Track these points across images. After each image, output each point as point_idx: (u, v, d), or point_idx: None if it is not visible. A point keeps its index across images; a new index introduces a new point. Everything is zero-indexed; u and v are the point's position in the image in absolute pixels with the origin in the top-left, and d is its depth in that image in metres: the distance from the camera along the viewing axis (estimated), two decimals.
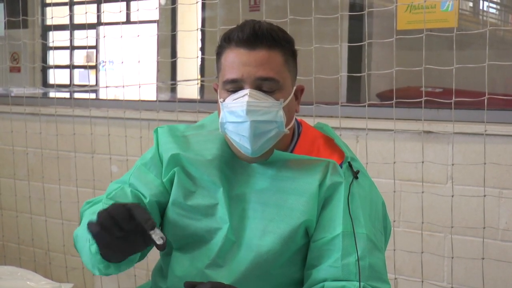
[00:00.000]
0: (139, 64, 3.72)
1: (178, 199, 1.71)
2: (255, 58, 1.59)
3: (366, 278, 1.56)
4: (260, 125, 1.59)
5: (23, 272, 2.05)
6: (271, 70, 1.60)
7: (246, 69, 1.59)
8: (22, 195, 4.38)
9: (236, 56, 1.61)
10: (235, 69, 1.60)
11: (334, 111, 3.16)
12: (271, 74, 1.60)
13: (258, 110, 1.58)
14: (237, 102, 1.59)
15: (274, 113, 1.60)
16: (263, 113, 1.59)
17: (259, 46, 1.60)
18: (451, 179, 2.98)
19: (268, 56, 1.60)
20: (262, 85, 1.60)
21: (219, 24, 3.46)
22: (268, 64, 1.60)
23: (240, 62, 1.60)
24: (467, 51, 3.60)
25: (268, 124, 1.60)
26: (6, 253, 4.56)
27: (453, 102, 2.83)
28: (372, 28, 4.01)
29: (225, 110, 1.62)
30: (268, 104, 1.59)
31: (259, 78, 1.59)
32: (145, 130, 3.76)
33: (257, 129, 1.59)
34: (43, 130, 4.22)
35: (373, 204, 1.68)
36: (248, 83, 1.59)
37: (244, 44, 1.60)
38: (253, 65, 1.59)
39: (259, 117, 1.58)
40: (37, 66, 5.01)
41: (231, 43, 1.62)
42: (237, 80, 1.60)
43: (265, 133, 1.61)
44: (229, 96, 1.62)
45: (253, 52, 1.60)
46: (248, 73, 1.59)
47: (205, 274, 1.66)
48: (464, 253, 2.97)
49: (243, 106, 1.57)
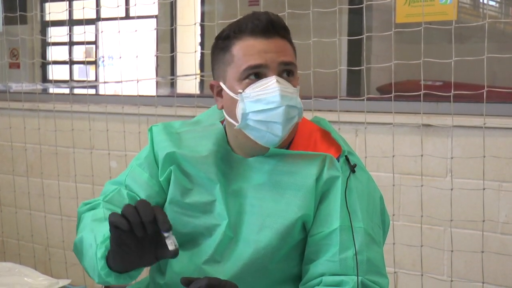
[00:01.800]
0: (138, 59, 3.71)
1: (175, 197, 1.71)
2: (275, 45, 1.60)
3: (364, 272, 1.56)
4: (291, 110, 1.59)
5: (21, 269, 2.06)
6: (290, 55, 1.62)
7: (268, 55, 1.59)
8: (21, 191, 4.38)
9: (255, 45, 1.59)
10: (255, 55, 1.59)
11: (333, 105, 3.15)
12: (291, 59, 1.62)
13: (287, 95, 1.58)
14: (265, 89, 1.58)
15: (296, 99, 1.61)
16: (290, 98, 1.59)
17: (275, 35, 1.60)
18: (450, 172, 2.98)
19: (283, 44, 1.62)
20: (284, 70, 1.60)
21: (218, 18, 3.44)
22: (286, 50, 1.62)
23: (260, 49, 1.59)
24: (467, 44, 3.59)
25: (295, 110, 1.61)
26: (6, 249, 4.56)
27: (452, 95, 2.83)
28: (372, 21, 4.00)
29: (248, 100, 1.59)
30: (292, 90, 1.60)
31: (282, 62, 1.59)
32: (144, 125, 3.75)
33: (289, 114, 1.59)
34: (41, 126, 4.22)
35: (370, 198, 1.67)
36: (272, 69, 1.59)
37: (261, 33, 1.60)
38: (274, 51, 1.59)
39: (289, 101, 1.59)
40: (37, 62, 5.00)
41: (244, 33, 1.61)
42: (261, 65, 1.58)
43: (292, 119, 1.61)
44: (250, 86, 1.60)
45: (271, 40, 1.60)
46: (271, 59, 1.58)
47: (202, 270, 1.65)
48: (464, 246, 2.97)
49: (276, 92, 1.56)
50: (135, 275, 1.59)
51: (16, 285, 1.88)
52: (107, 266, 1.53)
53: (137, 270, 1.57)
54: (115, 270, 1.53)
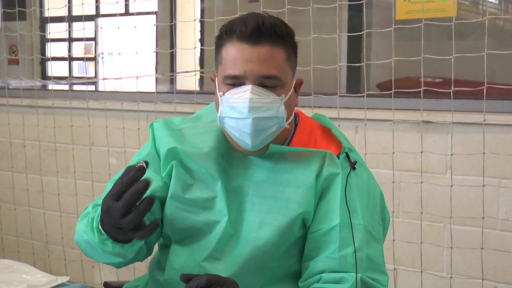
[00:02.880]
0: (137, 55, 3.71)
1: (176, 192, 1.70)
2: (258, 54, 1.56)
3: (363, 270, 1.55)
4: (261, 121, 1.57)
5: (19, 266, 2.05)
6: (274, 67, 1.57)
7: (248, 66, 1.56)
8: (20, 187, 4.38)
9: (238, 52, 1.57)
10: (237, 65, 1.57)
11: (333, 101, 3.15)
12: (274, 72, 1.57)
13: (260, 106, 1.56)
14: (239, 98, 1.57)
15: (276, 109, 1.58)
16: (265, 109, 1.57)
17: (262, 42, 1.56)
18: (450, 169, 2.97)
19: (271, 53, 1.57)
20: (264, 82, 1.57)
21: (218, 14, 3.44)
22: (271, 61, 1.57)
23: (242, 58, 1.57)
24: (467, 41, 3.59)
25: (270, 120, 1.58)
26: (5, 246, 4.56)
27: (452, 92, 2.82)
28: (371, 18, 3.99)
29: (225, 104, 1.59)
30: (270, 100, 1.57)
31: (261, 76, 1.57)
32: (143, 121, 3.74)
33: (259, 125, 1.57)
34: (40, 123, 4.21)
35: (370, 195, 1.67)
36: (251, 80, 1.56)
37: (247, 39, 1.57)
38: (256, 62, 1.56)
39: (261, 113, 1.56)
40: (36, 58, 4.99)
41: (233, 37, 1.59)
42: (239, 76, 1.57)
43: (266, 129, 1.59)
44: (229, 91, 1.59)
45: (256, 48, 1.56)
46: (250, 70, 1.56)
47: (202, 267, 1.65)
48: (464, 243, 2.97)
49: (245, 103, 1.55)
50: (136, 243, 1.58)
51: (14, 282, 1.88)
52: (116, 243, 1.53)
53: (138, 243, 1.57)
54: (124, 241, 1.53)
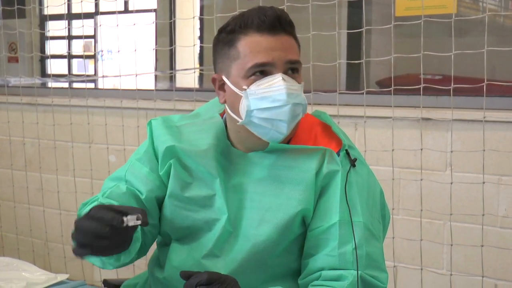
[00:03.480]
0: (136, 53, 3.70)
1: (175, 191, 1.70)
2: (281, 42, 1.59)
3: (363, 267, 1.55)
4: (297, 107, 1.59)
5: (19, 263, 2.05)
6: (296, 53, 1.62)
7: (275, 53, 1.58)
8: (20, 185, 4.38)
9: (262, 41, 1.58)
10: (262, 53, 1.57)
11: (332, 98, 3.15)
12: (296, 57, 1.62)
13: (293, 93, 1.58)
14: (271, 87, 1.57)
15: (302, 96, 1.61)
16: (296, 96, 1.58)
17: (281, 32, 1.60)
18: (450, 166, 2.97)
19: (289, 41, 1.61)
20: (290, 68, 1.60)
21: (217, 12, 3.43)
22: (292, 48, 1.61)
23: (267, 47, 1.58)
24: (467, 37, 3.58)
25: (300, 107, 1.61)
26: (5, 243, 4.56)
27: (452, 89, 2.82)
28: (371, 15, 3.98)
29: (253, 97, 1.58)
30: (298, 87, 1.60)
31: (288, 61, 1.59)
32: (143, 119, 3.74)
33: (295, 112, 1.59)
34: (40, 120, 4.21)
35: (370, 192, 1.66)
36: (278, 67, 1.58)
37: (267, 29, 1.58)
38: (281, 49, 1.58)
39: (295, 99, 1.58)
40: (35, 56, 4.99)
41: (249, 29, 1.59)
42: (267, 63, 1.58)
43: (297, 116, 1.61)
44: (255, 83, 1.59)
45: (278, 37, 1.59)
46: (278, 57, 1.57)
47: (201, 264, 1.64)
48: (464, 240, 2.96)
49: (282, 90, 1.56)
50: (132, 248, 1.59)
51: (13, 280, 1.87)
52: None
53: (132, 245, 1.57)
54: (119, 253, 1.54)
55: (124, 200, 1.67)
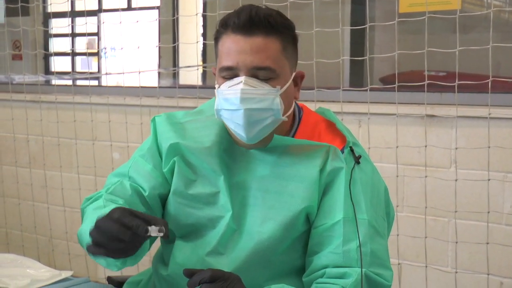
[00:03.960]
0: (139, 50, 3.70)
1: (179, 188, 1.69)
2: (251, 45, 1.56)
3: (367, 265, 1.55)
4: (254, 113, 1.56)
5: (23, 260, 2.05)
6: (267, 58, 1.57)
7: (241, 57, 1.56)
8: (24, 182, 4.38)
9: (232, 43, 1.58)
10: (231, 56, 1.57)
11: (336, 95, 3.14)
12: (267, 63, 1.56)
13: (253, 97, 1.55)
14: (231, 89, 1.57)
15: (270, 100, 1.57)
16: (258, 100, 1.56)
17: (255, 33, 1.56)
18: (454, 163, 2.96)
19: (264, 43, 1.57)
20: (257, 74, 1.57)
21: (220, 9, 3.42)
22: (265, 51, 1.57)
23: (236, 49, 1.57)
24: (471, 34, 3.57)
25: (264, 112, 1.57)
26: (9, 240, 4.56)
27: (456, 85, 2.81)
28: (375, 11, 3.97)
29: (220, 97, 1.60)
30: (263, 92, 1.56)
31: (254, 67, 1.56)
32: (146, 116, 3.74)
33: (252, 117, 1.56)
34: (44, 118, 4.21)
35: (375, 189, 1.66)
36: (244, 71, 1.56)
37: (240, 30, 1.57)
38: (249, 52, 1.56)
39: (254, 105, 1.56)
40: (39, 53, 4.99)
41: (228, 29, 1.59)
42: (232, 67, 1.57)
43: (260, 121, 1.58)
44: (224, 83, 1.59)
45: (250, 39, 1.56)
46: (243, 61, 1.56)
47: (205, 262, 1.64)
48: (468, 237, 2.96)
49: (237, 94, 1.55)
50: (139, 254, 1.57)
51: (18, 277, 1.87)
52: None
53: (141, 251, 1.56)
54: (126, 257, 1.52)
55: (128, 197, 1.67)
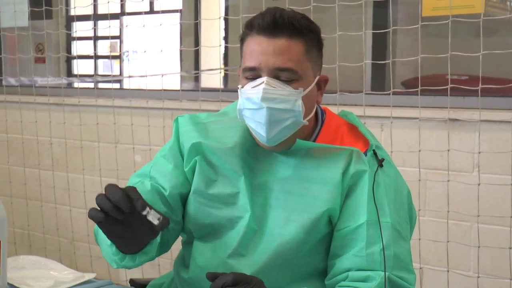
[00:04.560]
0: (162, 53, 3.72)
1: (199, 187, 1.70)
2: (274, 46, 1.57)
3: (391, 268, 1.54)
4: (276, 112, 1.57)
5: (46, 262, 2.07)
6: (290, 60, 1.58)
7: (264, 58, 1.57)
8: (47, 184, 4.41)
9: (256, 44, 1.59)
10: (253, 57, 1.59)
11: (359, 99, 3.13)
12: (289, 65, 1.57)
13: (274, 98, 1.57)
14: (254, 89, 1.58)
15: (292, 102, 1.58)
16: (280, 101, 1.57)
17: (279, 35, 1.58)
18: (477, 167, 2.94)
19: (288, 45, 1.58)
20: (279, 75, 1.58)
21: (242, 12, 3.43)
22: (288, 53, 1.58)
23: (259, 51, 1.58)
24: (493, 38, 3.55)
25: (285, 113, 1.58)
26: (32, 242, 4.60)
27: (480, 89, 2.79)
28: (397, 15, 3.96)
29: (243, 96, 1.61)
30: (285, 93, 1.57)
31: (277, 68, 1.57)
32: (168, 119, 3.75)
33: (273, 116, 1.57)
34: (67, 120, 4.24)
35: (398, 192, 1.66)
36: (266, 72, 1.58)
37: (265, 32, 1.58)
38: (271, 54, 1.57)
39: (276, 104, 1.57)
40: (62, 56, 5.02)
41: (253, 31, 1.61)
42: (255, 68, 1.59)
43: (281, 121, 1.59)
44: (247, 84, 1.61)
45: (273, 41, 1.58)
46: (266, 62, 1.57)
47: (227, 264, 1.64)
48: (491, 242, 2.93)
49: (259, 93, 1.56)
50: (150, 250, 1.60)
51: (42, 279, 1.89)
52: (119, 251, 1.56)
53: (150, 245, 1.58)
54: (127, 253, 1.57)
55: (148, 196, 1.68)
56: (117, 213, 1.39)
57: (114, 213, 1.39)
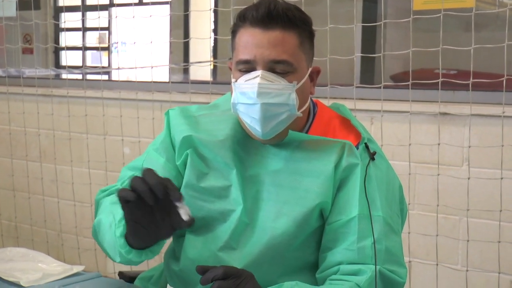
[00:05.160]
0: (151, 45, 3.70)
1: (191, 181, 1.69)
2: (269, 39, 1.56)
3: (382, 262, 1.54)
4: (271, 107, 1.56)
5: (34, 254, 2.05)
6: (285, 52, 1.56)
7: (259, 50, 1.55)
8: (34, 176, 4.39)
9: (250, 36, 1.57)
10: (248, 49, 1.57)
11: (349, 92, 3.13)
12: (285, 57, 1.56)
13: (269, 92, 1.55)
14: (248, 83, 1.56)
15: (287, 95, 1.57)
16: (274, 95, 1.56)
17: (273, 27, 1.56)
18: (467, 161, 2.95)
19: (282, 37, 1.56)
20: (275, 67, 1.56)
21: (233, 4, 3.41)
22: (282, 45, 1.56)
23: (253, 43, 1.56)
24: (482, 32, 3.55)
25: (280, 107, 1.57)
26: (19, 234, 4.57)
27: (471, 84, 2.79)
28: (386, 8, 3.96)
29: (237, 91, 1.59)
30: (280, 87, 1.56)
31: (272, 61, 1.56)
32: (158, 111, 3.74)
33: (268, 111, 1.56)
34: (55, 112, 4.22)
35: (390, 186, 1.65)
36: (261, 65, 1.56)
37: (259, 24, 1.56)
38: (266, 46, 1.55)
39: (271, 99, 1.55)
40: (50, 47, 4.99)
41: (246, 22, 1.59)
42: (250, 61, 1.57)
43: (276, 116, 1.58)
44: (241, 77, 1.59)
45: (267, 33, 1.56)
46: (261, 55, 1.55)
47: (218, 257, 1.63)
48: (480, 236, 2.94)
49: (254, 88, 1.54)
50: (156, 249, 1.57)
51: (30, 271, 1.87)
52: (127, 244, 1.52)
53: (158, 245, 1.55)
54: (135, 247, 1.52)
55: None
56: (150, 197, 1.36)
57: (147, 196, 1.36)
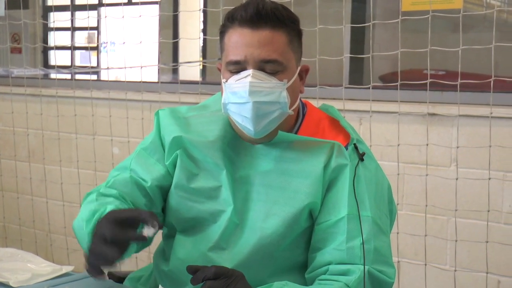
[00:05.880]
0: (140, 45, 3.69)
1: (181, 181, 1.69)
2: (259, 38, 1.56)
3: (371, 262, 1.55)
4: (262, 106, 1.57)
5: (23, 254, 2.04)
6: (275, 51, 1.57)
7: (249, 50, 1.56)
8: (23, 176, 4.37)
9: (239, 36, 1.58)
10: (238, 50, 1.57)
11: (338, 93, 3.14)
12: (275, 56, 1.57)
13: (260, 91, 1.56)
14: (239, 82, 1.57)
15: (277, 93, 1.57)
16: (265, 94, 1.56)
17: (262, 26, 1.57)
18: (455, 162, 2.96)
19: (271, 37, 1.57)
20: (265, 67, 1.57)
21: (222, 4, 3.42)
22: (272, 45, 1.57)
23: (243, 43, 1.57)
24: (470, 33, 3.57)
25: (271, 105, 1.58)
26: (7, 234, 4.56)
27: (459, 85, 2.81)
28: (375, 9, 3.97)
29: (228, 91, 1.60)
30: (271, 85, 1.57)
31: (262, 60, 1.56)
32: (147, 111, 3.73)
33: (260, 110, 1.57)
34: (44, 111, 4.20)
35: (378, 186, 1.66)
36: (251, 65, 1.57)
37: (248, 23, 1.57)
38: (256, 46, 1.56)
39: (262, 98, 1.56)
40: (38, 47, 4.97)
41: (235, 23, 1.59)
42: (240, 61, 1.57)
43: (268, 114, 1.58)
44: (232, 77, 1.59)
45: (257, 32, 1.57)
46: (251, 55, 1.56)
47: (207, 257, 1.64)
48: (468, 236, 2.96)
49: (246, 87, 1.55)
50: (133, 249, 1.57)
51: (19, 271, 1.86)
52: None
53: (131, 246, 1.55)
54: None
55: (127, 189, 1.68)
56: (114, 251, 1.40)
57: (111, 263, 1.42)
